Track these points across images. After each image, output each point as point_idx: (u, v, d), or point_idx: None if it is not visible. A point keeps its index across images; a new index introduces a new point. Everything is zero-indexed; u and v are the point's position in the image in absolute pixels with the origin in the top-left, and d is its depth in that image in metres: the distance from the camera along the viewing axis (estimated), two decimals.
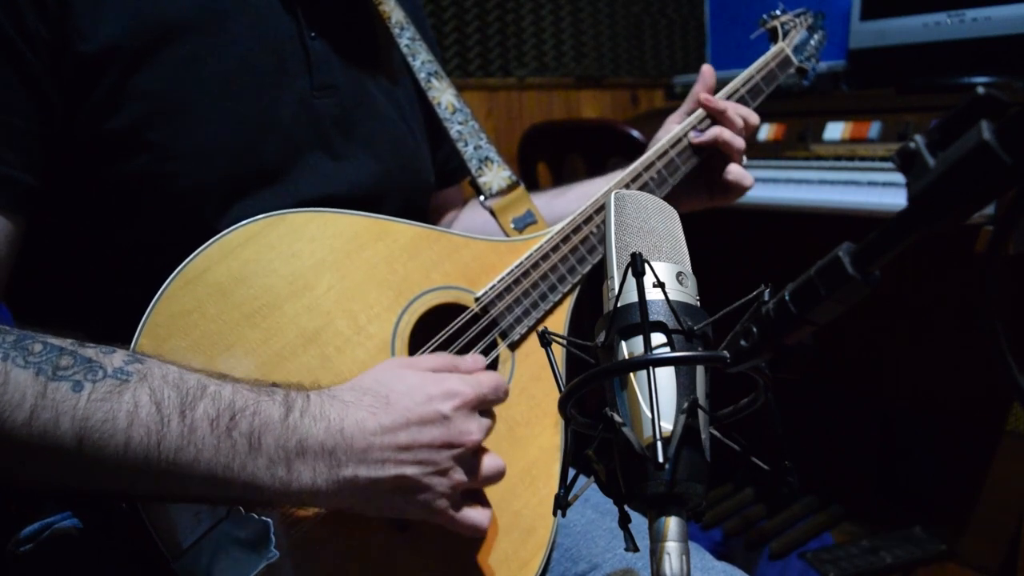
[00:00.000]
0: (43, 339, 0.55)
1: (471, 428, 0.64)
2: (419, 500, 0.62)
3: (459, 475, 0.64)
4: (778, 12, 1.11)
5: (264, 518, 0.60)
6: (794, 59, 1.07)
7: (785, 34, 1.09)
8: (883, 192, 1.48)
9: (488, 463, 0.66)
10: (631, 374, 0.44)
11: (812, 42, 1.12)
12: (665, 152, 0.93)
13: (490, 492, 0.72)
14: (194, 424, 0.55)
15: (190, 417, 0.55)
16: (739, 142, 0.94)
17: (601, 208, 0.86)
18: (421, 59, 0.92)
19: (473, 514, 0.66)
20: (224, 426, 0.56)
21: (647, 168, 0.91)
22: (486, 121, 2.22)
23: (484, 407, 0.67)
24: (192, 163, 0.68)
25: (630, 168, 0.92)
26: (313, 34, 0.78)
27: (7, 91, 0.61)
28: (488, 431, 0.66)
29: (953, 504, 1.71)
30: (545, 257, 0.83)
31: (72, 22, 0.63)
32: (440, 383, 0.64)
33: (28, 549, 0.66)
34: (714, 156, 0.95)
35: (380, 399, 0.62)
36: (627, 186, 0.90)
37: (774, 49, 1.06)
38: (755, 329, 0.42)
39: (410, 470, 0.61)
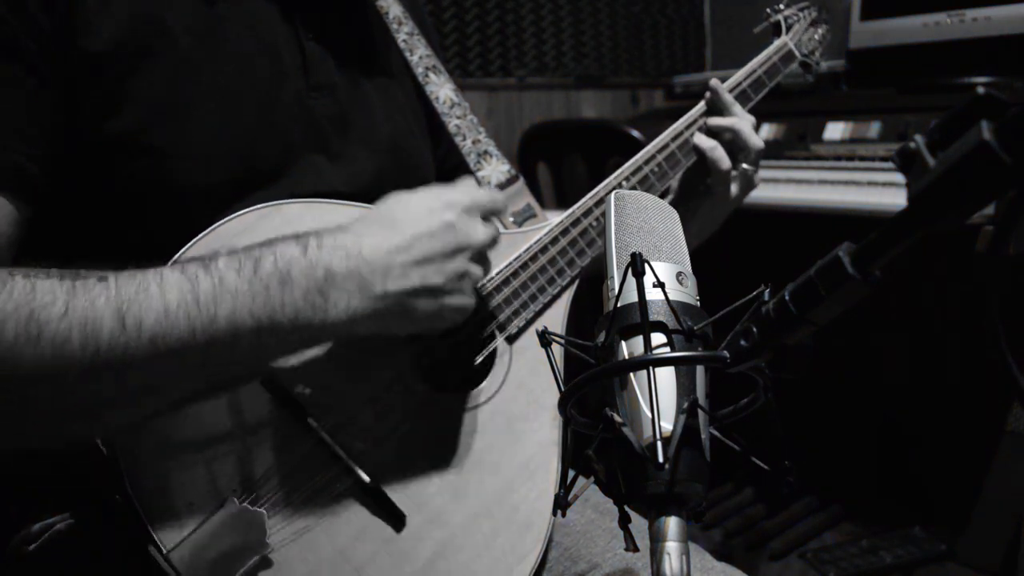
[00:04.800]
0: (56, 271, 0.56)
1: (476, 229, 0.67)
2: (451, 305, 0.66)
3: (478, 272, 0.68)
4: (782, 6, 1.10)
5: (258, 509, 0.60)
6: (797, 53, 1.07)
7: (788, 28, 1.08)
8: (883, 192, 1.48)
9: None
10: (631, 374, 0.44)
11: (816, 36, 1.11)
12: (666, 145, 0.93)
13: (488, 487, 0.72)
14: (221, 276, 0.57)
15: (215, 270, 0.57)
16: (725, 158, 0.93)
17: (600, 202, 0.86)
18: (419, 54, 0.92)
19: None
20: (250, 269, 0.58)
21: (648, 161, 0.92)
22: (486, 121, 2.22)
23: (482, 211, 0.70)
24: (192, 165, 0.69)
25: (631, 162, 0.92)
26: (309, 35, 0.78)
27: (17, 85, 0.62)
28: (494, 234, 0.69)
29: (953, 504, 1.71)
30: (544, 250, 0.83)
31: (74, 21, 0.63)
32: (437, 196, 0.68)
33: (30, 549, 0.66)
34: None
35: (386, 222, 0.65)
36: (628, 179, 0.90)
37: (777, 43, 1.06)
38: (755, 329, 0.42)
39: (434, 278, 0.64)
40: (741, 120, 0.93)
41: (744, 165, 0.94)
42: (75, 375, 0.53)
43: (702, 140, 0.92)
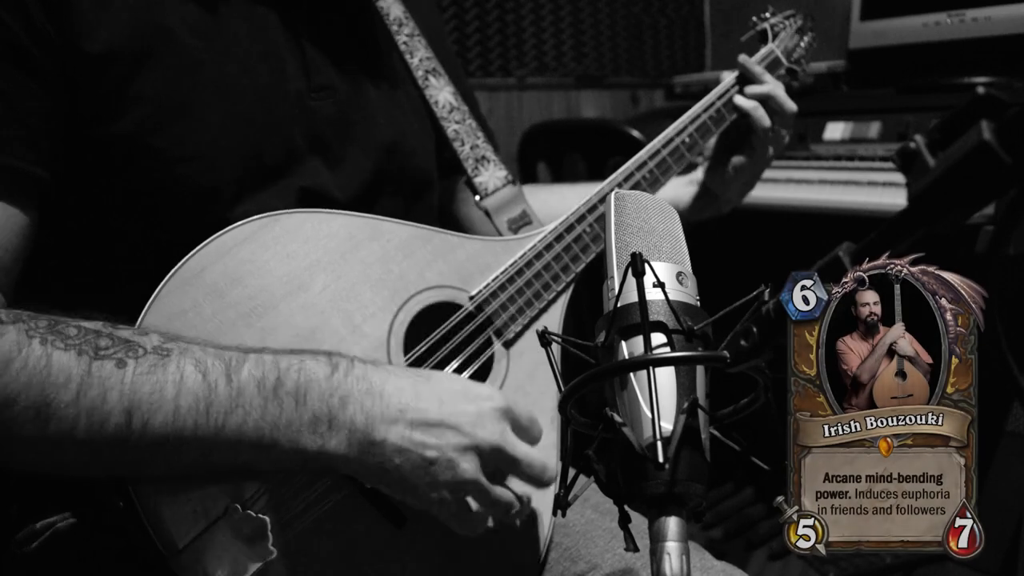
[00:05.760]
0: (75, 323, 0.56)
1: (496, 430, 0.64)
2: (425, 486, 0.62)
3: (470, 474, 0.62)
4: (768, 14, 1.12)
5: (261, 516, 0.60)
6: (784, 60, 1.08)
7: (775, 36, 1.10)
8: (883, 192, 1.48)
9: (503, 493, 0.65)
10: (631, 374, 0.44)
11: (802, 44, 1.13)
12: (661, 148, 0.95)
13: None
14: (241, 387, 0.57)
15: (236, 380, 0.57)
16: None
17: (594, 207, 0.87)
18: (419, 56, 0.92)
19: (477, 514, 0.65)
20: (271, 385, 0.58)
21: (640, 167, 0.93)
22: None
23: (513, 421, 0.66)
24: (196, 167, 0.69)
25: (625, 165, 0.92)
26: (310, 35, 0.78)
27: (22, 90, 0.62)
28: (517, 458, 0.65)
29: None
30: (539, 256, 0.83)
31: (75, 23, 0.63)
32: (479, 386, 0.67)
33: (30, 550, 0.66)
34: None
35: (422, 376, 0.65)
36: (623, 182, 0.91)
37: (764, 50, 1.07)
38: (755, 329, 0.42)
39: (431, 453, 0.61)
40: (776, 87, 1.00)
41: (778, 127, 1.00)
42: (75, 451, 0.55)
43: (744, 101, 0.99)
